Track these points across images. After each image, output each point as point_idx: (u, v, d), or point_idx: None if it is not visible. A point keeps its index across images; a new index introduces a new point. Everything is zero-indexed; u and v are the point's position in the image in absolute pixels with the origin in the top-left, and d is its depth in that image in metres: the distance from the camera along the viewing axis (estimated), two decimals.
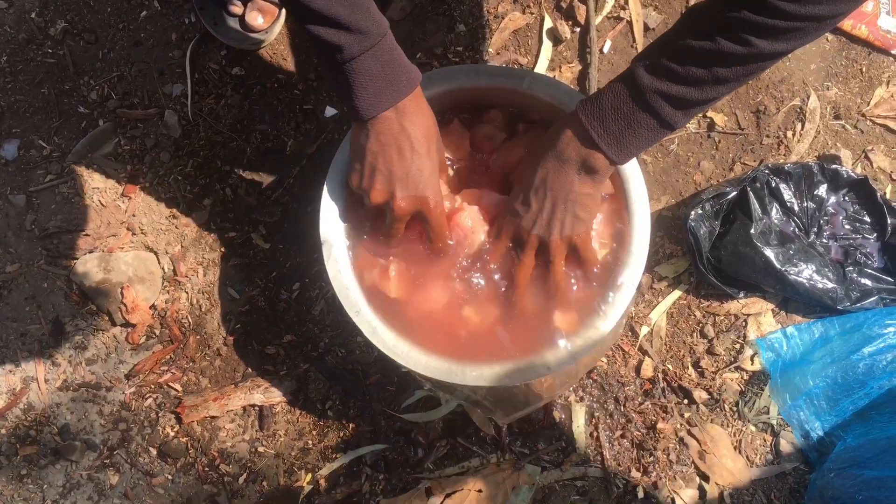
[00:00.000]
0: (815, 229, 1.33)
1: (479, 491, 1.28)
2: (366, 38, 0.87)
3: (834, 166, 1.33)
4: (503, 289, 1.10)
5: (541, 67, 1.41)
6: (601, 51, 1.41)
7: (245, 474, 1.33)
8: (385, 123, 0.94)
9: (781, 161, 1.38)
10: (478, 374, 1.06)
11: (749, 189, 1.30)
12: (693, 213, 1.30)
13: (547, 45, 1.41)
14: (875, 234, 1.34)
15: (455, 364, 1.07)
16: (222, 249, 1.39)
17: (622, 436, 1.32)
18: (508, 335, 1.11)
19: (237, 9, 1.35)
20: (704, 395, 1.33)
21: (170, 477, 1.33)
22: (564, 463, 1.31)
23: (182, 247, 1.38)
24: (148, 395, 1.35)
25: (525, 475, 1.29)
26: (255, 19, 1.35)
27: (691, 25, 0.83)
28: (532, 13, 1.42)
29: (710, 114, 1.40)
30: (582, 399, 1.33)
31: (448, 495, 1.28)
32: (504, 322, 1.11)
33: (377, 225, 1.08)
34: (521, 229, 1.02)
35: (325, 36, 0.86)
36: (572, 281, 1.10)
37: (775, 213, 1.32)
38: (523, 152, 1.08)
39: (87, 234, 1.38)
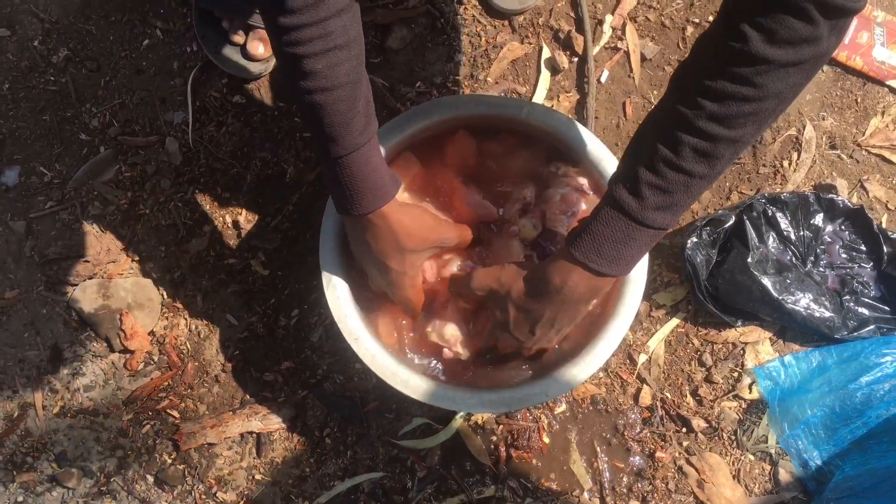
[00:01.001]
0: (812, 258, 1.34)
1: None
2: (348, 144, 0.91)
3: (830, 196, 1.34)
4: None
5: (539, 97, 1.42)
6: (599, 80, 1.42)
7: (242, 502, 1.32)
8: (354, 224, 1.01)
9: (778, 190, 1.39)
10: (477, 401, 1.07)
11: (746, 218, 1.31)
12: (690, 241, 1.31)
13: (545, 75, 1.43)
14: (871, 264, 1.35)
15: (453, 391, 1.08)
16: (221, 276, 1.39)
17: (621, 465, 1.32)
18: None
19: (238, 38, 1.36)
20: (703, 424, 1.33)
21: None
22: (563, 493, 1.31)
23: (181, 273, 1.39)
24: (145, 421, 1.35)
25: None
26: (257, 48, 1.36)
27: (656, 133, 0.83)
28: (530, 43, 1.44)
29: None
30: (580, 427, 1.33)
31: None
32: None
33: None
34: (522, 348, 1.07)
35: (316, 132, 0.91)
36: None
37: (772, 241, 1.33)
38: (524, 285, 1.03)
39: (86, 261, 1.38)
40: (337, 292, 1.11)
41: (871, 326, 1.30)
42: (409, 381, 1.08)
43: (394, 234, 1.00)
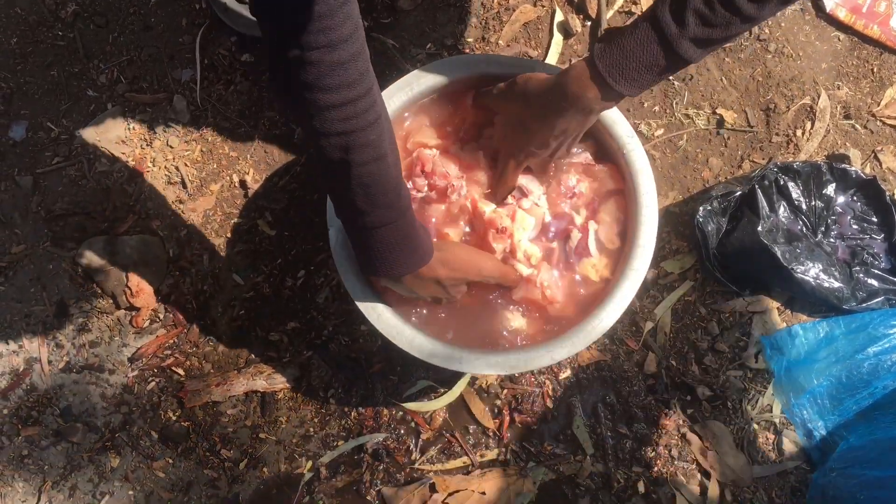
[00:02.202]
0: (823, 228, 1.33)
1: (483, 493, 1.28)
2: (385, 214, 0.90)
3: (843, 166, 1.32)
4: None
5: (551, 60, 1.40)
6: None
7: (246, 460, 1.33)
8: (399, 280, 1.00)
9: (790, 159, 1.38)
10: (482, 362, 1.06)
11: (757, 187, 1.30)
12: (701, 209, 1.30)
13: (557, 38, 1.41)
14: (882, 235, 1.34)
15: (459, 351, 1.07)
16: (228, 235, 1.39)
17: (624, 431, 1.32)
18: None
19: None
20: (707, 392, 1.33)
21: (171, 461, 1.33)
22: (565, 457, 1.31)
23: (188, 232, 1.38)
24: (150, 378, 1.35)
25: (529, 482, 1.29)
26: None
27: None
28: (543, 6, 1.42)
29: (719, 111, 1.39)
30: (584, 393, 1.33)
31: (451, 494, 1.28)
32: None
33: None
34: (544, 161, 1.09)
35: (351, 206, 0.90)
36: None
37: (783, 211, 1.32)
38: (538, 97, 1.05)
39: (93, 217, 1.38)
40: (345, 251, 1.10)
41: (881, 298, 1.30)
42: (414, 341, 1.08)
43: (437, 282, 1.01)
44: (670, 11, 0.84)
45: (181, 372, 1.35)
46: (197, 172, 1.40)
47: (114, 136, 1.40)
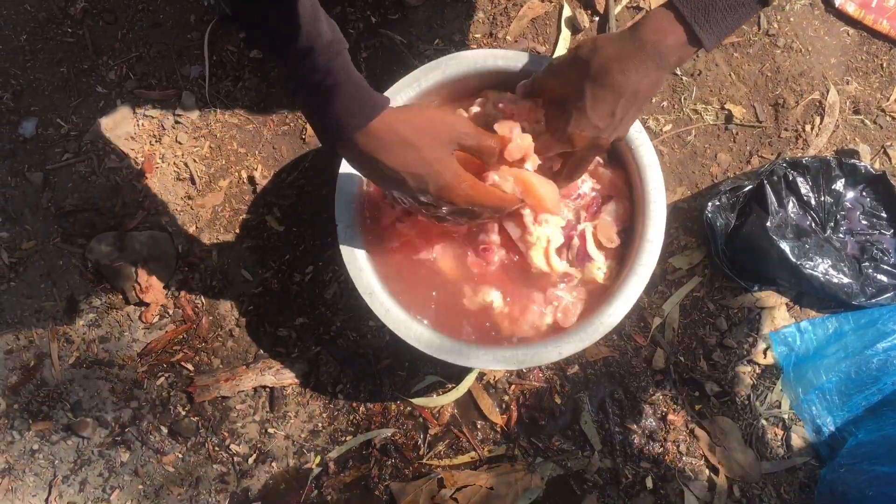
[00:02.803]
0: (832, 224, 1.33)
1: (491, 489, 1.28)
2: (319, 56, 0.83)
3: (852, 161, 1.32)
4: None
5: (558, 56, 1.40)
6: None
7: (255, 455, 1.33)
8: (363, 149, 0.88)
9: (799, 155, 1.37)
10: (490, 357, 1.07)
11: (766, 182, 1.29)
12: (710, 204, 1.30)
13: (565, 34, 1.41)
14: (892, 231, 1.33)
15: (466, 346, 1.07)
16: (237, 231, 1.39)
17: (632, 426, 1.32)
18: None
19: None
20: (716, 388, 1.32)
21: (180, 455, 1.34)
22: (573, 452, 1.31)
23: (197, 228, 1.39)
24: (160, 374, 1.36)
25: (537, 477, 1.29)
26: None
27: None
28: (551, 1, 1.42)
29: (728, 106, 1.39)
30: (592, 389, 1.33)
31: (459, 489, 1.28)
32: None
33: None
34: (598, 138, 0.96)
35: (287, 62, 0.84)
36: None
37: (792, 206, 1.31)
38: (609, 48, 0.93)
39: (102, 213, 1.39)
40: (353, 247, 1.11)
41: (890, 293, 1.29)
42: (423, 336, 1.08)
43: (402, 135, 0.87)
44: None
45: (190, 367, 1.36)
46: (206, 168, 1.40)
47: (123, 132, 1.41)
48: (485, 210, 0.97)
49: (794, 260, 1.26)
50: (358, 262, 1.10)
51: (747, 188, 1.30)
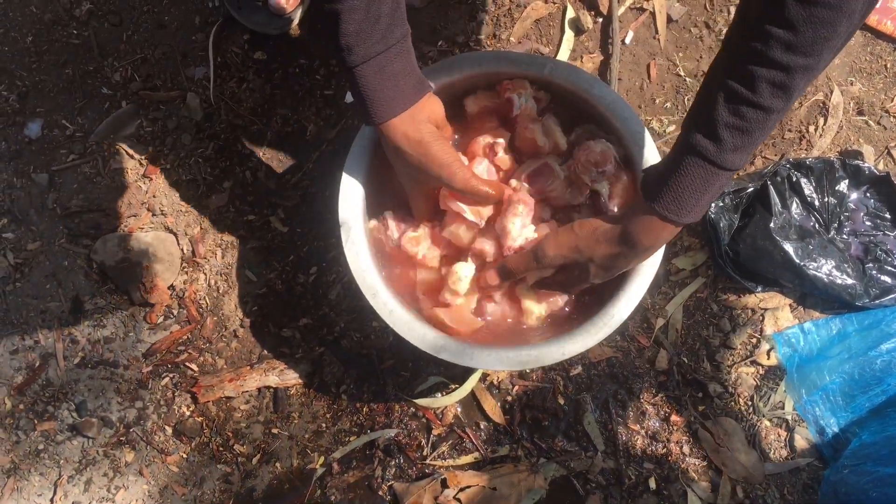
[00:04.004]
0: (836, 225, 1.33)
1: (494, 489, 1.28)
2: (371, 47, 0.90)
3: (856, 162, 1.32)
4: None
5: (562, 57, 1.40)
6: (623, 42, 1.40)
7: (259, 455, 1.34)
8: (382, 135, 0.98)
9: (803, 156, 1.37)
10: (493, 358, 1.07)
11: (769, 183, 1.30)
12: (713, 206, 1.30)
13: (569, 35, 1.41)
14: None
15: (469, 347, 1.08)
16: (241, 232, 1.39)
17: (635, 427, 1.32)
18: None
19: None
20: (719, 389, 1.32)
21: (184, 455, 1.34)
22: (576, 453, 1.31)
23: (201, 229, 1.39)
24: (164, 374, 1.36)
25: (540, 478, 1.29)
26: (281, 0, 1.35)
27: (727, 72, 0.81)
28: (554, 3, 1.42)
29: None
30: (595, 390, 1.33)
31: (462, 489, 1.28)
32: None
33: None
34: (561, 283, 1.08)
35: (336, 39, 0.88)
36: None
37: (795, 207, 1.31)
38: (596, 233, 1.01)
39: (107, 214, 1.39)
40: (356, 248, 1.11)
41: (894, 294, 1.29)
42: (426, 337, 1.08)
43: (403, 152, 0.99)
44: (703, 134, 0.83)
45: (195, 367, 1.36)
46: (210, 169, 1.41)
47: (128, 133, 1.41)
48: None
49: (797, 261, 1.26)
50: (361, 263, 1.11)
51: (751, 189, 1.31)
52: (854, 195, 1.34)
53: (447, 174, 1.00)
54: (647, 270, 1.09)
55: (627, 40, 1.41)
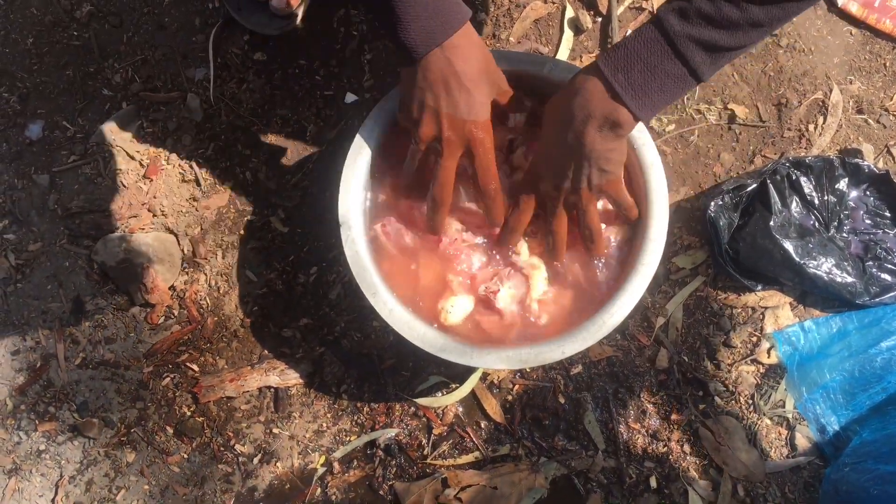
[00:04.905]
0: (836, 223, 1.33)
1: (494, 488, 1.28)
2: None
3: (855, 160, 1.32)
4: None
5: (562, 57, 1.41)
6: None
7: (260, 455, 1.34)
8: (433, 61, 0.93)
9: (802, 154, 1.37)
10: (494, 357, 1.07)
11: (769, 182, 1.30)
12: (713, 204, 1.30)
13: (568, 35, 1.41)
14: None
15: (470, 346, 1.08)
16: (241, 232, 1.40)
17: (636, 426, 1.32)
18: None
19: None
20: (720, 388, 1.32)
21: (185, 456, 1.34)
22: (577, 452, 1.31)
23: (202, 229, 1.40)
24: (165, 374, 1.36)
25: (541, 477, 1.29)
26: (282, 0, 1.35)
27: None
28: (554, 2, 1.42)
29: (731, 106, 1.39)
30: (595, 389, 1.33)
31: (463, 489, 1.28)
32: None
33: (428, 170, 1.07)
34: (548, 188, 1.00)
35: None
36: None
37: (795, 206, 1.31)
38: (546, 111, 1.01)
39: (108, 215, 1.39)
40: (356, 248, 1.11)
41: (894, 292, 1.29)
42: (426, 336, 1.09)
43: (476, 55, 0.95)
44: (673, 11, 0.82)
45: (195, 368, 1.36)
46: (210, 170, 1.41)
47: (129, 134, 1.41)
48: (474, 179, 1.03)
49: (797, 259, 1.26)
50: (361, 263, 1.11)
51: (750, 188, 1.31)
52: (854, 193, 1.34)
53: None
54: (646, 269, 1.09)
55: None
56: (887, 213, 1.34)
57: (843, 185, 1.32)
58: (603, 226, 1.11)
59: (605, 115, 0.89)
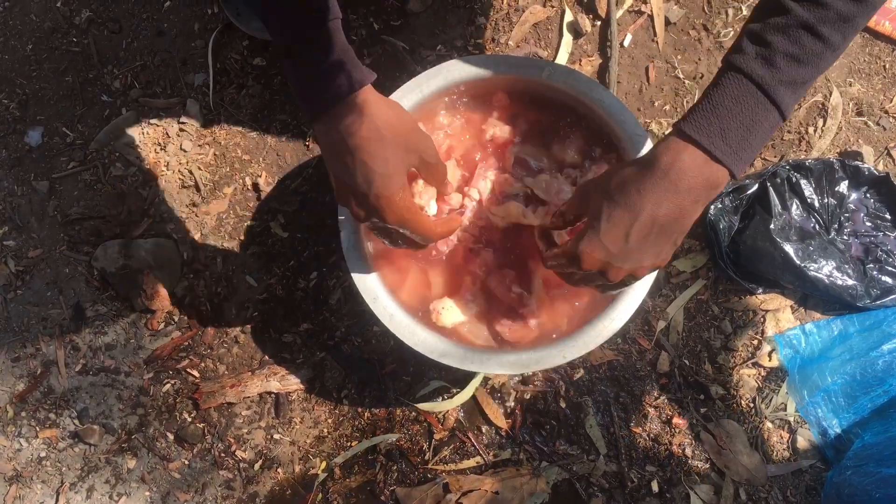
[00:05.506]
0: (836, 226, 1.32)
1: (496, 493, 1.28)
2: (301, 30, 0.83)
3: (855, 163, 1.32)
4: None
5: (561, 60, 1.41)
6: (622, 45, 1.41)
7: (261, 461, 1.33)
8: (324, 127, 0.87)
9: (802, 157, 1.37)
10: (495, 362, 1.07)
11: (769, 184, 1.30)
12: (713, 207, 1.30)
13: (567, 39, 1.41)
14: None
15: (471, 351, 1.08)
16: (241, 238, 1.40)
17: (637, 430, 1.32)
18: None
19: None
20: (721, 391, 1.32)
21: (186, 462, 1.34)
22: (578, 457, 1.31)
23: (202, 235, 1.40)
24: (166, 380, 1.36)
25: (542, 482, 1.29)
26: None
27: None
28: (553, 6, 1.42)
29: None
30: (597, 393, 1.33)
31: (464, 493, 1.28)
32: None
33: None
34: (609, 264, 0.85)
35: (272, 30, 0.84)
36: None
37: (795, 208, 1.31)
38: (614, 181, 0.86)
39: (108, 221, 1.39)
40: (357, 252, 1.11)
41: (895, 295, 1.29)
42: (427, 341, 1.08)
43: (373, 122, 0.84)
44: (756, 57, 0.75)
45: (196, 374, 1.36)
46: (210, 176, 1.41)
47: (128, 140, 1.41)
48: (409, 237, 0.95)
49: (798, 262, 1.26)
50: (361, 268, 1.11)
51: (750, 191, 1.31)
52: (854, 196, 1.34)
53: (434, 150, 0.94)
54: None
55: (626, 43, 1.41)
56: (888, 216, 1.34)
57: (843, 187, 1.32)
58: None
59: (707, 184, 0.80)
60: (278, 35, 0.84)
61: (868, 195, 1.34)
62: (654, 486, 1.29)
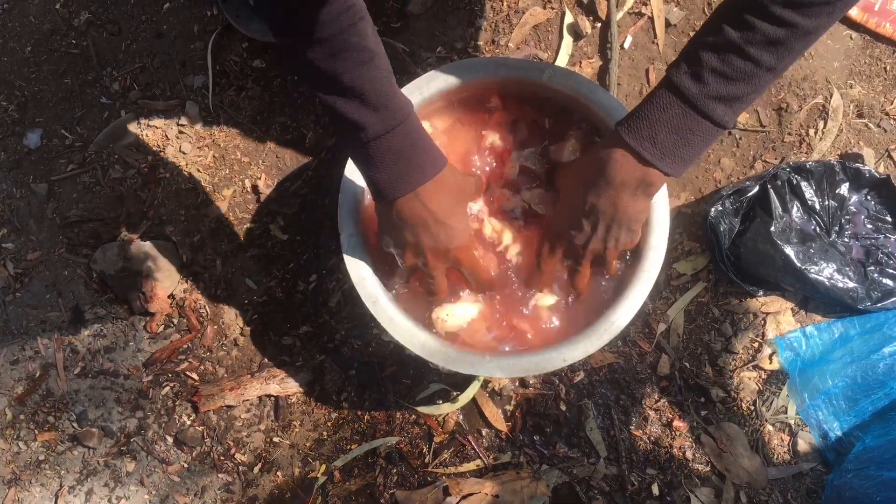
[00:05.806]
0: (837, 228, 1.32)
1: (496, 496, 1.28)
2: (391, 117, 0.88)
3: (856, 165, 1.32)
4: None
5: (561, 62, 1.40)
6: (622, 46, 1.40)
7: (260, 464, 1.33)
8: (407, 204, 0.94)
9: (803, 159, 1.37)
10: (495, 365, 1.06)
11: (770, 187, 1.29)
12: (713, 209, 1.29)
13: (567, 41, 1.41)
14: None
15: (473, 355, 1.07)
16: (240, 240, 1.39)
17: (638, 433, 1.32)
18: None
19: None
20: (721, 394, 1.32)
21: (185, 465, 1.34)
22: (579, 460, 1.30)
23: (201, 237, 1.39)
24: (165, 383, 1.36)
25: (543, 485, 1.29)
26: None
27: (725, 17, 0.80)
28: (553, 8, 1.42)
29: None
30: (597, 396, 1.33)
31: (465, 497, 1.28)
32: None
33: (417, 278, 1.11)
34: (575, 248, 1.03)
35: (349, 114, 0.86)
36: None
37: (796, 211, 1.31)
38: (571, 171, 1.05)
39: (107, 224, 1.39)
40: (355, 255, 1.11)
41: None
42: (427, 344, 1.08)
43: (450, 190, 0.96)
44: (686, 73, 0.82)
45: (195, 376, 1.36)
46: (209, 178, 1.41)
47: (127, 142, 1.41)
48: (468, 280, 1.08)
49: (798, 265, 1.26)
50: (361, 271, 1.10)
51: (751, 193, 1.30)
52: (855, 198, 1.34)
53: (477, 182, 1.08)
54: (647, 276, 1.09)
55: (626, 45, 1.40)
56: (888, 218, 1.33)
57: (843, 189, 1.32)
58: None
59: (638, 181, 0.90)
60: (367, 125, 0.88)
61: (869, 197, 1.34)
62: (655, 490, 1.29)
